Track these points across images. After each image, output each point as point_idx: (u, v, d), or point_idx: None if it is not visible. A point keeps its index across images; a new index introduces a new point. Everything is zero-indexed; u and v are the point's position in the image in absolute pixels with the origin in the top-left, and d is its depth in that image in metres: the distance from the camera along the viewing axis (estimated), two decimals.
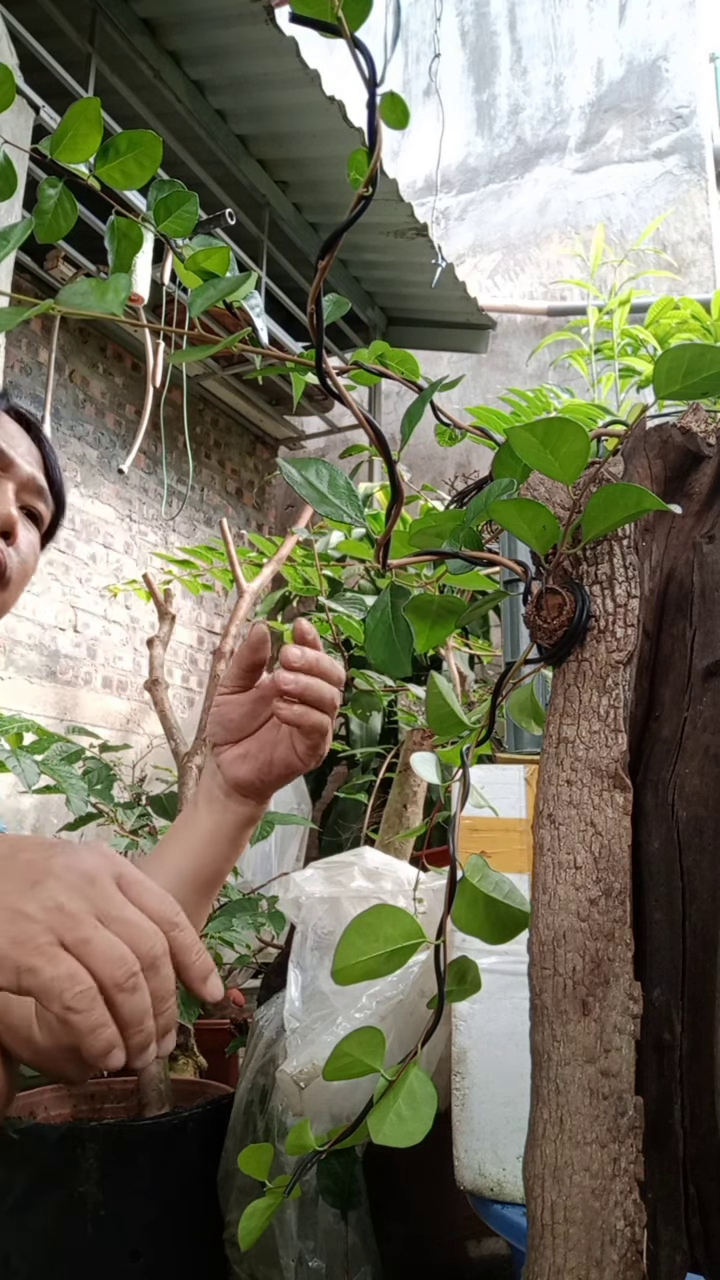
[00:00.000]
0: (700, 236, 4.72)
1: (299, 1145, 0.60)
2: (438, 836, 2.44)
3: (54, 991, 0.48)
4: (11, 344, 3.63)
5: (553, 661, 0.56)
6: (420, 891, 1.46)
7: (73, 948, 0.49)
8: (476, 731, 0.67)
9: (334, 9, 0.50)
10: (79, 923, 0.49)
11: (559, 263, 5.05)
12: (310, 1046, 1.35)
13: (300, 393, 0.84)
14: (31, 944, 0.48)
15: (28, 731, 1.77)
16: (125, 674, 4.15)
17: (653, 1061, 0.51)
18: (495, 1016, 1.16)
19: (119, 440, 4.21)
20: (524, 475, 0.60)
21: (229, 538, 2.23)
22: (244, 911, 1.90)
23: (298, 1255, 1.38)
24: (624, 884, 0.52)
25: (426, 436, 1.43)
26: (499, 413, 1.94)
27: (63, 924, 0.49)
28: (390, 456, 0.60)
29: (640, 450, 0.59)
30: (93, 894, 0.51)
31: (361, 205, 0.55)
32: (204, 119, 3.63)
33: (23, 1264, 1.49)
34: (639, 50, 5.10)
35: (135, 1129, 1.59)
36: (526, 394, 2.33)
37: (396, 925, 0.58)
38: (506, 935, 0.59)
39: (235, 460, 5.00)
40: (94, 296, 0.62)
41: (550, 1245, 0.48)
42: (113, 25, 3.24)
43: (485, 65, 5.57)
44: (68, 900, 0.50)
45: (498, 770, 1.31)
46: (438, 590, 0.72)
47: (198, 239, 0.71)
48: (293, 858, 3.04)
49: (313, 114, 3.59)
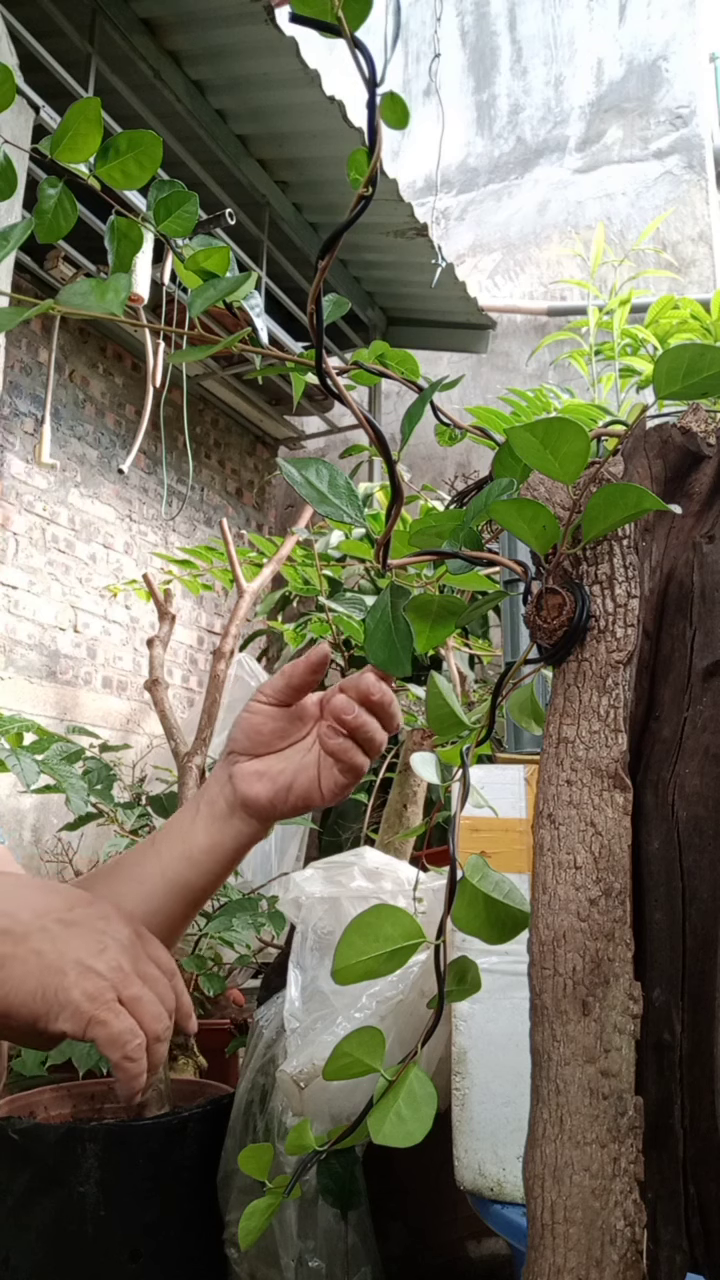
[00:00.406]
0: (700, 236, 4.72)
1: (299, 1145, 0.60)
2: (438, 836, 2.44)
3: (119, 1043, 0.56)
4: (11, 344, 3.63)
5: (553, 661, 0.56)
6: (420, 891, 1.46)
7: (128, 1004, 0.58)
8: (476, 731, 0.67)
9: (334, 9, 0.50)
10: (132, 981, 0.58)
11: (559, 263, 5.05)
12: (310, 1046, 1.35)
13: (300, 393, 0.84)
14: (101, 999, 0.57)
15: (28, 731, 1.77)
16: (125, 674, 4.15)
17: (653, 1061, 0.51)
18: (495, 1016, 1.16)
19: (119, 440, 4.21)
20: (524, 475, 0.60)
21: (229, 538, 2.23)
22: (244, 911, 1.90)
23: (298, 1255, 1.38)
24: (624, 884, 0.52)
25: (426, 436, 1.43)
26: (499, 413, 1.94)
27: (122, 982, 0.58)
28: (390, 456, 0.60)
29: (640, 450, 0.59)
30: (135, 956, 0.60)
31: (361, 205, 0.55)
32: (204, 119, 3.62)
33: (23, 1264, 1.49)
34: (639, 50, 5.09)
35: (135, 1129, 1.59)
36: (526, 394, 2.33)
37: (396, 925, 0.58)
38: (506, 935, 0.59)
39: (235, 460, 5.00)
40: (94, 296, 0.62)
41: (550, 1245, 0.48)
42: (113, 25, 3.24)
43: (485, 65, 5.57)
44: (124, 962, 0.59)
45: (498, 770, 1.31)
46: (438, 590, 0.72)
47: (198, 239, 0.71)
48: (293, 858, 3.04)
49: (313, 114, 3.58)
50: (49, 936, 0.58)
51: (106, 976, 0.57)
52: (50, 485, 3.85)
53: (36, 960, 0.57)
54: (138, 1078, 0.57)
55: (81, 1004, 0.56)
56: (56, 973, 0.57)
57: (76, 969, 0.57)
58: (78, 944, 0.58)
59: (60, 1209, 1.50)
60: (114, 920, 0.61)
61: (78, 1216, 1.50)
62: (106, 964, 0.58)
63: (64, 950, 0.58)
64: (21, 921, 0.58)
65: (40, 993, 0.56)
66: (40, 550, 3.78)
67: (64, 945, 0.58)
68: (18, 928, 0.58)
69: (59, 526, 3.89)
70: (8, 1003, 0.56)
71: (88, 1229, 1.49)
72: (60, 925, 0.59)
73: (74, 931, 0.59)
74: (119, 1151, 1.54)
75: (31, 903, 0.60)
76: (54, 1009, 0.56)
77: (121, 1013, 0.57)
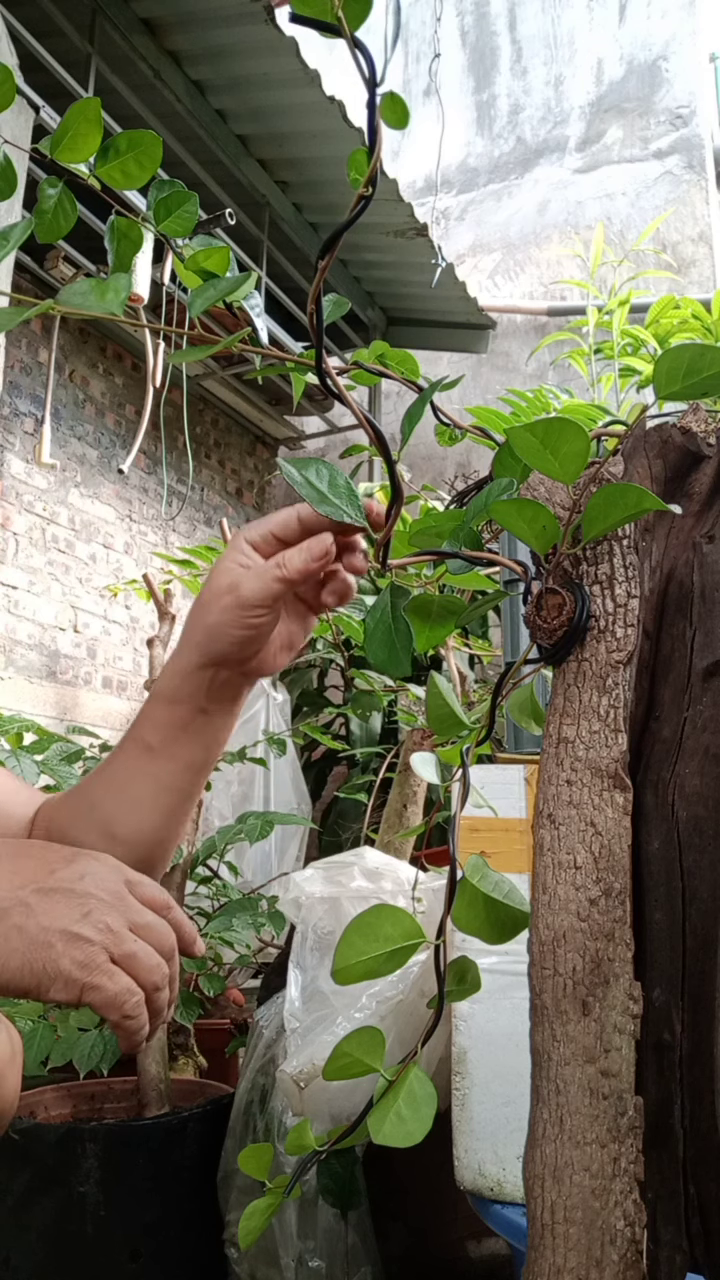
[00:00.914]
0: (700, 236, 4.72)
1: (299, 1145, 0.60)
2: (438, 836, 2.44)
3: (116, 1004, 0.56)
4: (11, 344, 3.63)
5: (553, 661, 0.56)
6: (420, 891, 1.46)
7: (121, 962, 0.57)
8: (476, 731, 0.67)
9: (334, 9, 0.50)
10: (123, 939, 0.58)
11: (559, 263, 5.05)
12: (310, 1046, 1.35)
13: (300, 393, 0.84)
14: (93, 964, 0.56)
15: (28, 731, 1.77)
16: (125, 674, 4.15)
17: (653, 1061, 0.51)
18: (495, 1016, 1.16)
19: (119, 440, 4.20)
20: (524, 475, 0.60)
21: (229, 538, 2.23)
22: (244, 911, 1.90)
23: (298, 1255, 1.38)
24: (624, 884, 0.52)
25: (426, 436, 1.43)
26: (499, 413, 1.94)
27: (112, 942, 0.57)
28: (390, 456, 0.60)
29: (640, 450, 0.59)
30: (124, 908, 0.59)
31: (361, 205, 0.55)
32: (204, 119, 3.62)
33: (23, 1264, 1.49)
34: (639, 50, 5.09)
35: (135, 1129, 1.59)
36: (526, 394, 2.33)
37: (396, 925, 0.58)
38: (506, 935, 0.59)
39: (235, 460, 5.00)
40: (94, 296, 0.62)
41: (550, 1245, 0.48)
42: (113, 25, 3.24)
43: (485, 65, 5.57)
44: (112, 920, 0.58)
45: (498, 770, 1.31)
46: (437, 590, 0.72)
47: (198, 239, 0.71)
48: (293, 858, 3.04)
49: (313, 114, 3.58)
50: (28, 910, 0.57)
51: (95, 940, 0.57)
52: (50, 485, 3.85)
53: (19, 936, 0.56)
54: (138, 1032, 0.57)
55: (72, 973, 0.56)
56: (42, 946, 0.56)
57: (63, 939, 0.56)
58: (59, 912, 0.57)
59: (60, 1209, 1.50)
60: (97, 876, 0.60)
61: (78, 1216, 1.50)
62: (93, 927, 0.57)
63: (46, 922, 0.57)
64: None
65: (27, 967, 0.56)
66: (40, 550, 3.78)
67: (45, 917, 0.57)
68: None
69: (59, 526, 3.89)
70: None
71: (88, 1229, 1.49)
72: (39, 895, 0.58)
73: (54, 899, 0.58)
74: (119, 1151, 1.54)
75: (6, 876, 0.59)
76: (44, 981, 0.56)
77: (115, 973, 0.57)
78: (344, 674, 3.07)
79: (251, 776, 3.07)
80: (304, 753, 3.41)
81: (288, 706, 3.26)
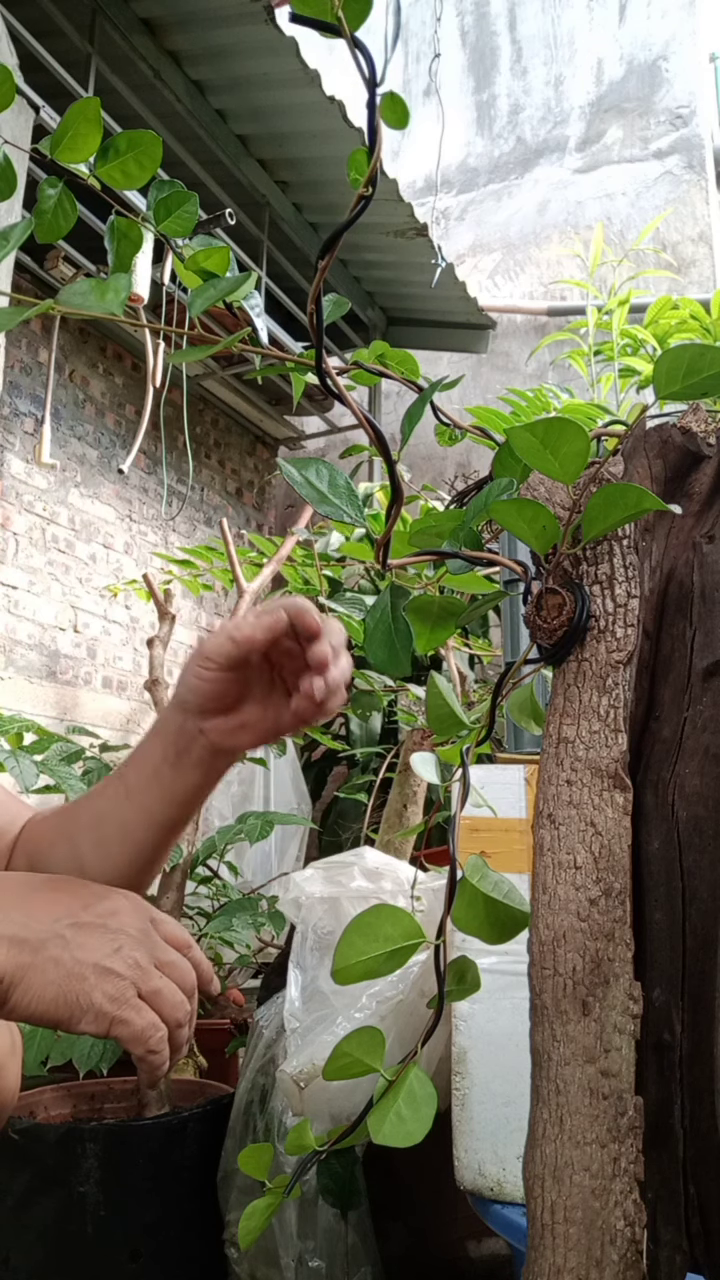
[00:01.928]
0: (700, 236, 4.72)
1: (299, 1145, 0.60)
2: (438, 836, 2.44)
3: (142, 1039, 0.58)
4: (11, 344, 3.63)
5: (553, 661, 0.56)
6: (420, 891, 1.46)
7: (148, 998, 0.60)
8: (476, 731, 0.67)
9: (334, 9, 0.50)
10: (150, 975, 0.60)
11: (559, 263, 5.05)
12: (310, 1046, 1.35)
13: (300, 393, 0.84)
14: (123, 999, 0.59)
15: (28, 731, 1.77)
16: (125, 674, 4.15)
17: (653, 1061, 0.51)
18: (495, 1016, 1.16)
19: (119, 440, 4.20)
20: (524, 475, 0.60)
21: (229, 538, 2.23)
22: (244, 911, 1.90)
23: (298, 1255, 1.38)
24: (624, 884, 0.52)
25: (426, 436, 1.43)
26: (499, 413, 1.94)
27: (141, 978, 0.60)
28: (390, 456, 0.60)
29: (640, 450, 0.59)
30: (150, 945, 0.62)
31: (361, 205, 0.55)
32: (204, 119, 3.62)
33: (23, 1264, 1.49)
34: (639, 50, 5.09)
35: (135, 1129, 1.59)
36: (526, 394, 2.33)
37: (396, 925, 0.58)
38: (506, 935, 0.59)
39: (235, 460, 5.00)
40: (94, 296, 0.62)
41: (550, 1245, 0.48)
42: (113, 25, 3.24)
43: (485, 65, 5.57)
44: (140, 956, 0.60)
45: (498, 770, 1.31)
46: (438, 591, 0.72)
47: (198, 239, 0.71)
48: (293, 858, 3.04)
49: (313, 114, 3.58)
50: (64, 943, 0.59)
51: (125, 975, 0.59)
52: (50, 485, 3.85)
53: (55, 969, 0.58)
54: (160, 1067, 0.60)
55: (103, 1006, 0.58)
56: (76, 979, 0.58)
57: (95, 972, 0.58)
58: (93, 946, 0.59)
59: (60, 1209, 1.50)
60: (126, 914, 0.62)
61: (78, 1216, 1.50)
62: (124, 962, 0.59)
63: (81, 955, 0.59)
64: (36, 930, 0.59)
65: (62, 999, 0.58)
66: (40, 550, 3.78)
67: (80, 950, 0.59)
68: (33, 937, 0.59)
69: (59, 526, 3.89)
70: (30, 1011, 0.58)
71: (88, 1229, 1.49)
72: (74, 929, 0.60)
73: (88, 933, 0.60)
74: (119, 1151, 1.54)
75: (44, 908, 0.61)
76: (76, 1013, 0.58)
77: (142, 1008, 0.59)
78: None
79: (251, 776, 3.07)
80: (304, 753, 3.41)
81: None
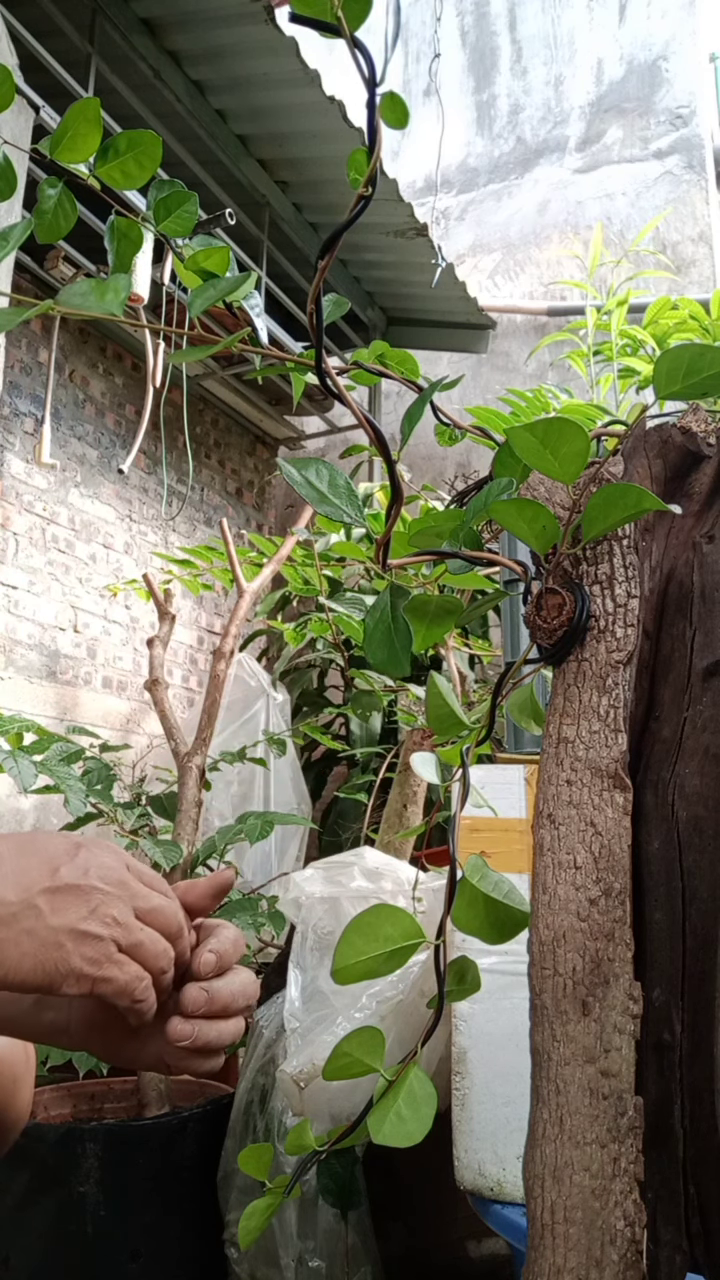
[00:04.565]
0: (700, 236, 4.72)
1: (299, 1145, 0.60)
2: (438, 836, 2.44)
3: (127, 992, 0.59)
4: (11, 344, 3.63)
5: (553, 661, 0.56)
6: (420, 891, 1.46)
7: (130, 951, 0.59)
8: (476, 731, 0.67)
9: (334, 9, 0.50)
10: (131, 929, 0.60)
11: (559, 263, 5.05)
12: (310, 1046, 1.35)
13: (300, 393, 0.84)
14: (103, 958, 0.58)
15: (28, 731, 1.77)
16: (125, 674, 4.15)
17: (653, 1061, 0.51)
18: (495, 1016, 1.16)
19: (119, 440, 4.20)
20: (524, 475, 0.60)
21: (229, 538, 2.23)
22: (244, 911, 1.90)
23: (298, 1255, 1.38)
24: (624, 884, 0.52)
25: (426, 436, 1.43)
26: (499, 413, 1.94)
27: (121, 934, 0.59)
28: (390, 456, 0.60)
29: (640, 450, 0.59)
30: (129, 896, 0.61)
31: (361, 205, 0.55)
32: (204, 119, 3.62)
33: (23, 1264, 1.49)
34: (639, 50, 5.09)
35: (135, 1129, 1.59)
36: (526, 394, 2.33)
37: (396, 925, 0.58)
38: (506, 935, 0.59)
39: (235, 460, 5.00)
40: (94, 296, 0.62)
41: (550, 1245, 0.48)
42: (113, 25, 3.23)
43: (485, 65, 5.57)
44: (118, 912, 0.60)
45: (498, 770, 1.31)
46: (437, 590, 0.72)
47: (198, 239, 0.71)
48: (293, 858, 3.04)
49: (313, 114, 3.58)
50: (37, 913, 0.58)
51: (104, 935, 0.58)
52: (50, 485, 3.85)
53: (29, 940, 0.57)
54: (147, 1012, 0.60)
55: (84, 969, 0.58)
56: (53, 946, 0.57)
57: (72, 937, 0.58)
58: (68, 912, 0.58)
59: (60, 1209, 1.50)
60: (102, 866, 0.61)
61: (78, 1216, 1.50)
62: (101, 922, 0.59)
63: (55, 922, 0.58)
64: (8, 902, 0.57)
65: (40, 969, 0.57)
66: (40, 550, 3.78)
67: (55, 917, 0.58)
68: (5, 910, 0.57)
69: (59, 526, 3.89)
70: (8, 983, 0.57)
71: (88, 1229, 1.49)
72: (47, 897, 0.58)
73: (62, 899, 0.59)
74: (119, 1151, 1.54)
75: (14, 877, 0.59)
76: (56, 979, 0.57)
77: (125, 962, 0.59)
78: (344, 674, 3.07)
79: (251, 776, 3.07)
80: (304, 753, 3.41)
81: (288, 706, 3.26)
